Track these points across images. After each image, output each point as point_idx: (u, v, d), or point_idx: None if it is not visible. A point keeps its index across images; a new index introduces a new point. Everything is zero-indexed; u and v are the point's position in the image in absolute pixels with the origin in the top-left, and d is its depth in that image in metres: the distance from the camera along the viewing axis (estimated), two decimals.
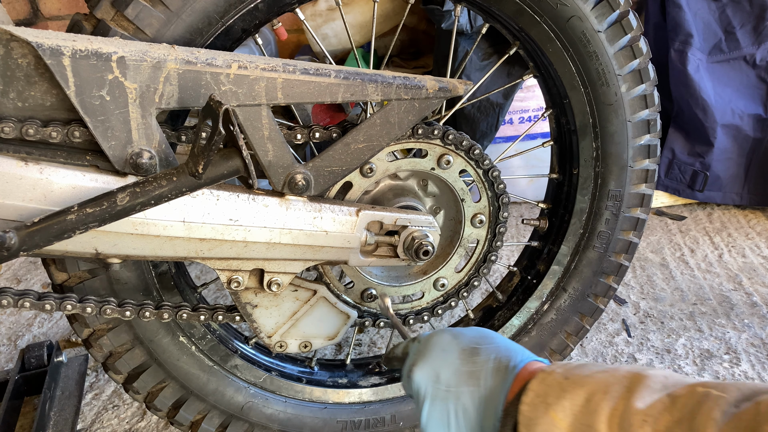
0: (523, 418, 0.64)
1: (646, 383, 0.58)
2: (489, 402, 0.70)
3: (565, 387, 0.63)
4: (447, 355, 0.77)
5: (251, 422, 1.12)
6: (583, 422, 0.59)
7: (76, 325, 0.98)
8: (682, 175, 2.27)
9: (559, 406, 0.61)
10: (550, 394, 0.63)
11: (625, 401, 0.57)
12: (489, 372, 0.72)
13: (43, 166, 0.76)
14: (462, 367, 0.74)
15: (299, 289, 1.00)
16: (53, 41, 0.71)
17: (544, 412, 0.62)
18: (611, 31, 0.99)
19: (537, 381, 0.65)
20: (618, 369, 0.62)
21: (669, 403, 0.55)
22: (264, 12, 0.90)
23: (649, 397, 0.57)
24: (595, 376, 0.63)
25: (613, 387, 0.59)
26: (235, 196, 0.85)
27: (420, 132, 0.97)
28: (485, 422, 0.70)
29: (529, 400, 0.64)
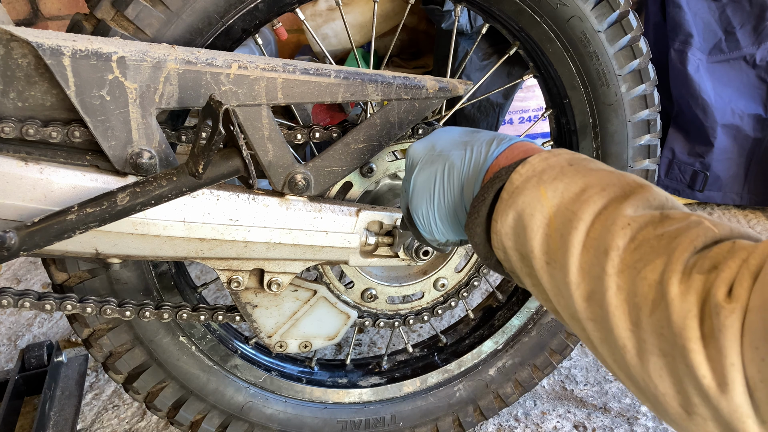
0: (509, 185, 0.62)
1: (644, 195, 0.56)
2: (476, 164, 0.69)
3: (566, 172, 0.60)
4: (448, 132, 0.77)
5: (251, 422, 1.12)
6: (570, 208, 0.57)
7: (76, 325, 0.98)
8: (682, 175, 2.27)
9: (552, 186, 0.59)
10: (547, 172, 0.60)
11: (617, 204, 0.55)
12: (483, 141, 0.71)
13: (44, 166, 0.76)
14: (459, 138, 0.74)
15: (299, 289, 1.00)
16: (53, 41, 0.71)
17: (534, 185, 0.60)
18: (611, 31, 0.99)
19: (539, 158, 0.62)
20: (625, 175, 0.59)
21: (658, 219, 0.52)
22: (264, 12, 0.90)
23: (642, 209, 0.54)
24: (599, 172, 0.59)
25: (612, 188, 0.57)
26: (235, 196, 0.85)
27: (420, 132, 0.97)
28: (467, 184, 0.69)
29: (524, 171, 0.62)
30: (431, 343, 1.30)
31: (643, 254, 0.50)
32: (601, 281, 0.52)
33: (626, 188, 0.56)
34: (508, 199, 0.61)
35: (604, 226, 0.54)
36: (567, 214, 0.56)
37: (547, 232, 0.57)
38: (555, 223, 0.57)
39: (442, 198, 0.72)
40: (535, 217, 0.58)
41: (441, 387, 1.23)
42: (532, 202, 0.59)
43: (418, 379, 1.22)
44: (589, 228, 0.55)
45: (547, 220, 0.58)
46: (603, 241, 0.53)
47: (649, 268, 0.49)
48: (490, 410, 1.25)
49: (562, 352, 1.24)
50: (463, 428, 1.25)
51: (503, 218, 0.61)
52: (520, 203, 0.60)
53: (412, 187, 0.76)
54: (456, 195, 0.71)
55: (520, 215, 0.60)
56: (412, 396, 1.22)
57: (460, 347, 1.26)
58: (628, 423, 1.34)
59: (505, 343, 1.24)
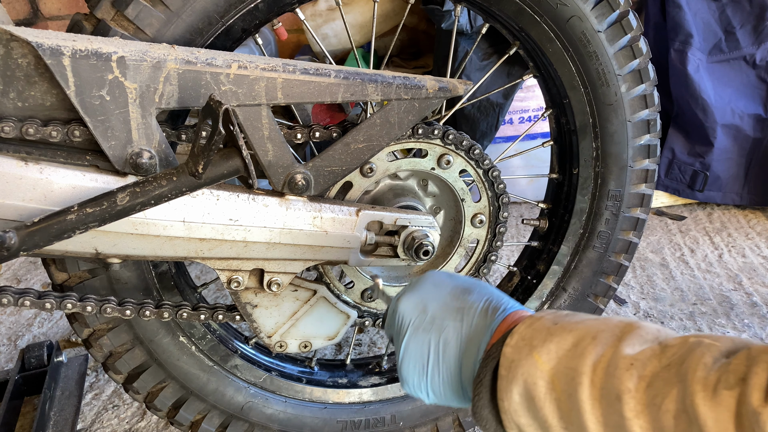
0: (504, 360, 0.61)
1: (637, 333, 0.56)
2: (472, 340, 0.68)
3: (553, 332, 0.60)
4: (438, 290, 0.74)
5: (251, 422, 1.12)
6: (568, 366, 0.56)
7: (76, 325, 0.98)
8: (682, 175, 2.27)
9: (544, 349, 0.58)
10: (536, 337, 0.60)
11: (613, 348, 0.55)
12: (478, 311, 0.69)
13: (43, 166, 0.76)
14: (451, 303, 0.72)
15: (299, 289, 1.00)
16: (53, 41, 0.71)
17: (527, 354, 0.59)
18: (611, 31, 0.99)
19: (524, 325, 0.63)
20: (610, 319, 0.59)
21: (659, 351, 0.52)
22: (264, 12, 0.90)
23: (639, 346, 0.54)
24: (585, 323, 0.60)
25: (603, 334, 0.57)
26: (235, 196, 0.85)
27: (420, 132, 0.97)
28: (465, 360, 0.68)
29: (513, 343, 0.61)
30: None
31: (658, 389, 0.50)
32: (622, 429, 0.51)
33: (616, 331, 0.57)
34: (507, 375, 0.61)
35: (608, 373, 0.53)
36: (568, 373, 0.56)
37: (555, 396, 0.57)
38: (559, 385, 0.57)
39: (437, 374, 0.71)
40: (538, 386, 0.58)
41: None
42: (530, 370, 0.59)
43: None
44: (593, 379, 0.54)
45: (551, 384, 0.57)
46: (612, 388, 0.52)
47: (667, 400, 0.49)
48: None
49: None
50: (463, 428, 1.25)
51: (508, 396, 0.61)
52: (519, 376, 0.59)
53: (402, 352, 0.73)
54: (453, 372, 0.70)
55: (524, 389, 0.59)
56: (412, 396, 1.22)
57: None
58: None
59: None
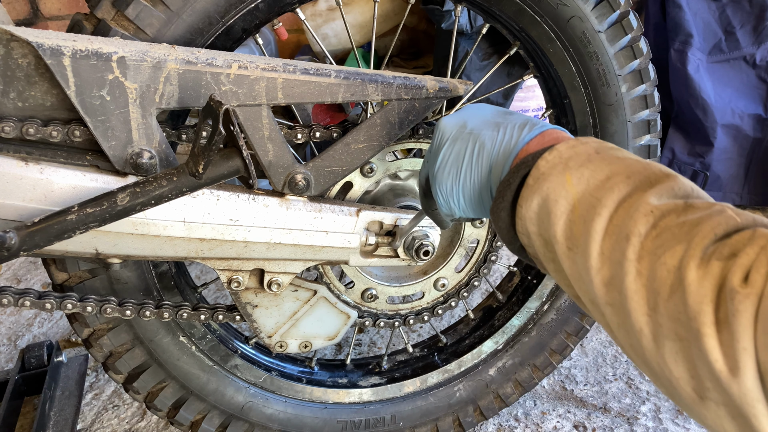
0: (536, 171, 0.62)
1: (670, 185, 0.56)
2: (506, 148, 0.69)
3: (593, 159, 0.60)
4: (480, 110, 0.76)
5: (251, 422, 1.12)
6: (594, 195, 0.57)
7: (76, 324, 0.98)
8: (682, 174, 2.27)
9: (577, 173, 0.59)
10: (573, 159, 0.61)
11: (642, 192, 0.55)
12: (516, 125, 0.71)
13: (44, 166, 0.76)
14: (491, 119, 0.74)
15: (299, 289, 1.00)
16: (53, 41, 0.71)
17: (560, 171, 0.60)
18: (611, 31, 0.99)
19: (567, 145, 0.63)
20: (651, 164, 0.59)
21: (681, 207, 0.52)
22: (264, 12, 0.90)
23: (667, 198, 0.55)
24: (626, 160, 0.59)
25: (638, 175, 0.57)
26: (236, 196, 0.85)
27: (420, 132, 0.97)
28: (496, 167, 0.69)
29: (550, 158, 0.62)
30: (431, 343, 1.30)
31: (664, 241, 0.50)
32: (621, 266, 0.52)
33: (651, 177, 0.57)
34: (534, 184, 0.61)
35: (627, 213, 0.54)
36: (591, 201, 0.57)
37: (571, 218, 0.58)
38: (579, 209, 0.58)
39: (469, 177, 0.72)
40: (560, 203, 0.59)
41: (441, 387, 1.23)
42: (557, 188, 0.59)
43: (418, 379, 1.22)
44: (612, 214, 0.55)
45: (571, 206, 0.58)
46: (625, 227, 0.53)
47: (668, 254, 0.49)
48: (490, 410, 1.25)
49: (562, 352, 1.24)
50: (463, 428, 1.25)
51: (528, 203, 0.62)
52: (545, 189, 0.60)
53: (439, 161, 0.75)
54: (483, 176, 0.71)
55: (544, 201, 0.60)
56: (412, 396, 1.22)
57: (460, 347, 1.26)
58: (628, 423, 1.34)
59: (505, 343, 1.24)
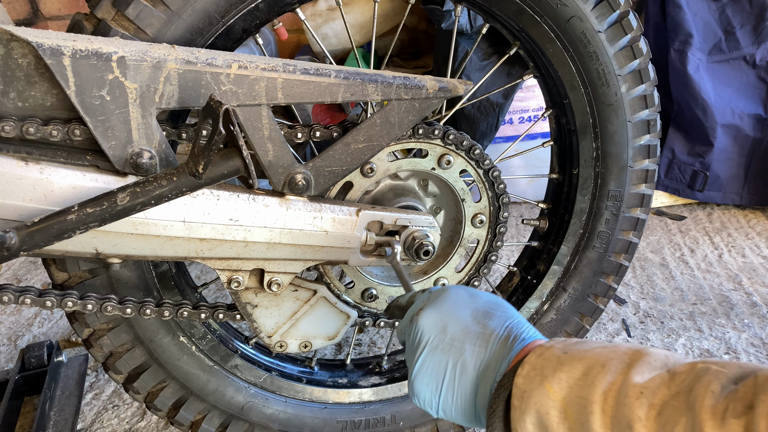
0: (516, 390, 0.62)
1: (646, 360, 0.57)
2: (490, 368, 0.68)
3: (563, 361, 0.61)
4: (459, 310, 0.74)
5: (251, 422, 1.12)
6: (579, 395, 0.58)
7: (76, 324, 0.98)
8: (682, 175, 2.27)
9: (555, 379, 0.60)
10: (546, 367, 0.62)
11: (623, 376, 0.56)
12: (498, 339, 0.70)
13: (44, 165, 0.76)
14: (472, 327, 0.72)
15: (299, 289, 1.00)
16: (53, 41, 0.71)
17: (538, 384, 0.61)
18: (611, 31, 0.99)
19: (535, 355, 0.64)
20: (619, 346, 0.61)
21: (668, 379, 0.53)
22: (264, 12, 0.90)
23: (648, 373, 0.55)
24: (594, 351, 0.61)
25: (612, 362, 0.58)
26: (236, 196, 0.85)
27: (420, 132, 0.97)
28: (482, 387, 0.69)
29: (524, 373, 0.63)
30: None
31: (668, 418, 0.51)
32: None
33: (625, 358, 0.58)
34: (520, 405, 0.62)
35: (618, 401, 0.55)
36: (579, 402, 0.58)
37: (568, 426, 0.58)
38: (571, 415, 0.58)
39: (450, 395, 0.71)
40: (551, 415, 0.59)
41: None
42: (542, 401, 0.60)
43: None
44: (604, 407, 0.56)
45: (563, 413, 0.59)
46: (623, 417, 0.54)
47: (677, 429, 0.50)
48: None
49: None
50: (463, 429, 1.25)
51: (522, 426, 0.62)
52: (533, 406, 0.61)
53: (417, 368, 0.73)
54: (467, 396, 0.70)
55: (537, 418, 0.60)
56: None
57: None
58: None
59: None
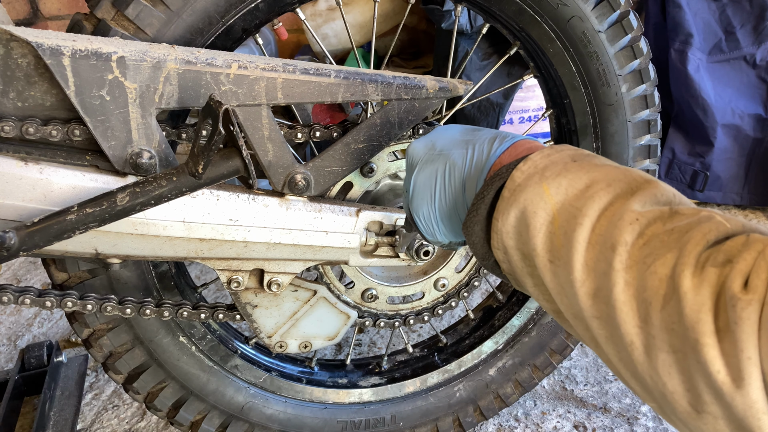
0: (511, 183, 0.59)
1: (652, 191, 0.53)
2: (479, 162, 0.67)
3: (570, 168, 0.58)
4: (449, 130, 0.74)
5: (251, 422, 1.12)
6: (575, 205, 0.55)
7: (76, 325, 0.98)
8: (682, 175, 2.27)
9: (555, 182, 0.57)
10: (550, 168, 0.58)
11: (624, 199, 0.53)
12: (486, 140, 0.69)
13: (43, 166, 0.76)
14: (459, 137, 0.72)
15: (299, 290, 1.00)
16: (53, 41, 0.71)
17: (537, 182, 0.58)
18: (612, 31, 0.99)
19: (541, 154, 0.60)
20: (630, 170, 0.57)
21: (667, 214, 0.51)
22: (264, 12, 0.90)
23: (651, 205, 0.52)
24: (604, 168, 0.57)
25: (618, 183, 0.55)
26: (235, 196, 0.85)
27: (421, 132, 0.97)
28: (469, 183, 0.68)
29: (525, 168, 0.59)
30: (431, 343, 1.30)
31: (653, 249, 0.49)
32: (607, 277, 0.50)
33: (633, 184, 0.55)
34: (510, 197, 0.59)
35: (611, 222, 0.52)
36: (571, 211, 0.55)
37: (551, 230, 0.56)
38: (559, 221, 0.56)
39: (443, 198, 0.70)
40: (538, 215, 0.57)
41: (441, 387, 1.23)
42: (534, 199, 0.57)
43: (418, 379, 1.22)
44: (595, 224, 0.53)
45: (551, 217, 0.56)
46: (610, 236, 0.51)
47: (659, 262, 0.47)
48: (490, 410, 1.25)
49: (562, 352, 1.24)
50: (463, 428, 1.25)
51: (504, 217, 0.60)
52: (522, 201, 0.58)
53: (412, 187, 0.74)
54: (458, 194, 0.69)
55: (522, 213, 0.58)
56: (412, 396, 1.22)
57: (460, 347, 1.26)
58: (628, 423, 1.34)
59: (505, 344, 1.24)
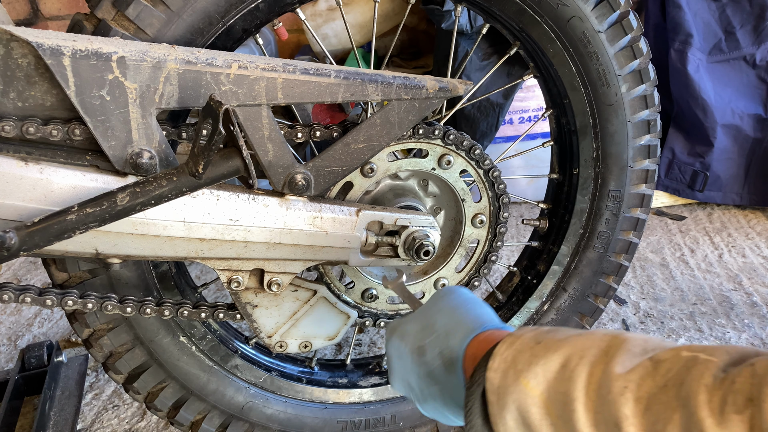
0: (491, 386, 0.59)
1: (625, 347, 0.53)
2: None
3: (537, 352, 0.57)
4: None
5: (251, 422, 1.12)
6: (559, 390, 0.54)
7: (76, 325, 0.98)
8: (682, 175, 2.27)
9: (531, 373, 0.56)
10: (519, 359, 0.58)
11: (603, 366, 0.52)
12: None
13: (44, 166, 0.76)
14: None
15: (299, 289, 1.00)
16: (53, 41, 0.71)
17: (514, 379, 0.57)
18: (611, 31, 0.99)
19: (504, 345, 0.60)
20: (594, 333, 0.57)
21: (651, 368, 0.50)
22: (265, 12, 0.90)
23: (629, 362, 0.52)
24: (569, 340, 0.57)
25: (589, 351, 0.54)
26: (235, 196, 0.85)
27: (420, 132, 0.97)
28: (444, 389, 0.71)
29: (495, 366, 0.59)
30: None
31: (658, 414, 0.48)
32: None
33: (602, 345, 0.55)
34: (497, 401, 0.59)
35: (601, 396, 0.51)
36: (560, 398, 0.54)
37: (551, 422, 0.55)
38: (553, 411, 0.55)
39: (421, 397, 0.75)
40: (532, 413, 0.56)
41: None
42: (520, 398, 0.57)
43: None
44: (586, 404, 0.52)
45: (545, 410, 0.56)
46: (609, 415, 0.50)
47: (670, 426, 0.46)
48: None
49: None
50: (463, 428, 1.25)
51: (502, 422, 0.59)
52: (511, 403, 0.58)
53: (392, 370, 0.80)
54: (437, 397, 0.73)
55: (518, 415, 0.58)
56: None
57: None
58: None
59: None
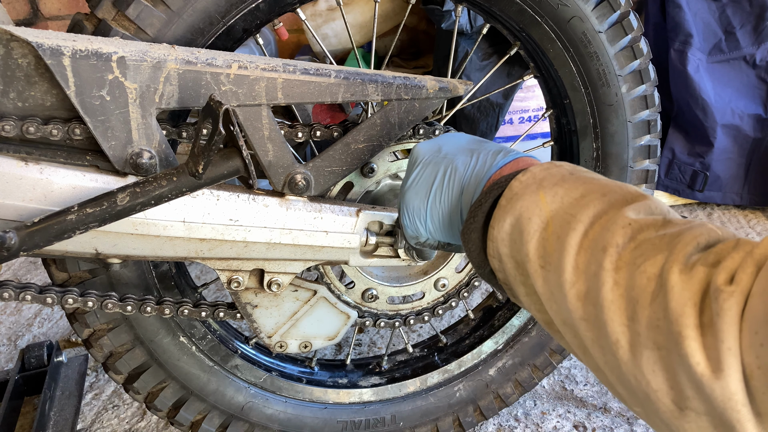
0: (509, 192, 0.61)
1: (646, 203, 0.54)
2: (480, 171, 0.69)
3: (567, 179, 0.59)
4: (456, 137, 0.76)
5: (251, 422, 1.12)
6: (569, 212, 0.55)
7: (76, 324, 0.98)
8: (682, 175, 2.27)
9: (551, 191, 0.58)
10: (548, 179, 0.60)
11: (618, 208, 0.54)
12: (490, 152, 0.70)
13: (44, 166, 0.76)
14: (466, 145, 0.73)
15: (299, 290, 1.00)
16: (53, 41, 0.71)
17: (533, 191, 0.59)
18: (612, 31, 0.99)
19: (541, 167, 0.62)
20: (627, 185, 0.58)
21: (660, 223, 0.51)
22: (265, 12, 0.90)
23: (644, 214, 0.53)
24: (600, 180, 0.58)
25: (613, 194, 0.56)
26: (235, 196, 0.85)
27: (421, 132, 0.97)
28: (467, 189, 0.69)
29: (524, 178, 0.61)
30: (431, 343, 1.30)
31: (644, 251, 0.49)
32: (597, 278, 0.50)
33: (627, 196, 0.56)
34: (507, 204, 0.60)
35: (604, 227, 0.52)
36: (565, 217, 0.55)
37: (544, 236, 0.56)
38: (552, 226, 0.56)
39: (438, 198, 0.72)
40: (533, 221, 0.57)
41: (441, 387, 1.23)
42: (530, 206, 0.58)
43: (418, 379, 1.22)
44: (588, 229, 0.54)
45: (545, 223, 0.57)
46: (602, 239, 0.52)
47: (649, 262, 0.48)
48: (490, 410, 1.25)
49: (562, 352, 1.24)
50: (463, 428, 1.25)
51: (500, 224, 0.60)
52: (518, 208, 0.59)
53: (410, 181, 0.75)
54: (453, 198, 0.71)
55: (517, 220, 0.59)
56: (412, 396, 1.22)
57: (460, 347, 1.26)
58: (628, 423, 1.34)
59: (505, 343, 1.24)
